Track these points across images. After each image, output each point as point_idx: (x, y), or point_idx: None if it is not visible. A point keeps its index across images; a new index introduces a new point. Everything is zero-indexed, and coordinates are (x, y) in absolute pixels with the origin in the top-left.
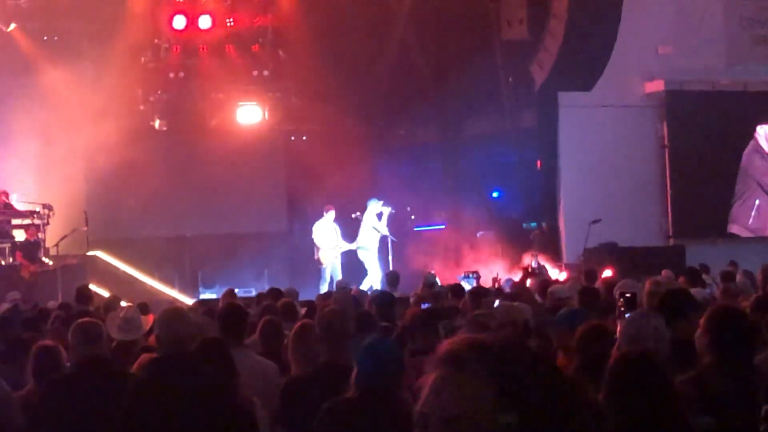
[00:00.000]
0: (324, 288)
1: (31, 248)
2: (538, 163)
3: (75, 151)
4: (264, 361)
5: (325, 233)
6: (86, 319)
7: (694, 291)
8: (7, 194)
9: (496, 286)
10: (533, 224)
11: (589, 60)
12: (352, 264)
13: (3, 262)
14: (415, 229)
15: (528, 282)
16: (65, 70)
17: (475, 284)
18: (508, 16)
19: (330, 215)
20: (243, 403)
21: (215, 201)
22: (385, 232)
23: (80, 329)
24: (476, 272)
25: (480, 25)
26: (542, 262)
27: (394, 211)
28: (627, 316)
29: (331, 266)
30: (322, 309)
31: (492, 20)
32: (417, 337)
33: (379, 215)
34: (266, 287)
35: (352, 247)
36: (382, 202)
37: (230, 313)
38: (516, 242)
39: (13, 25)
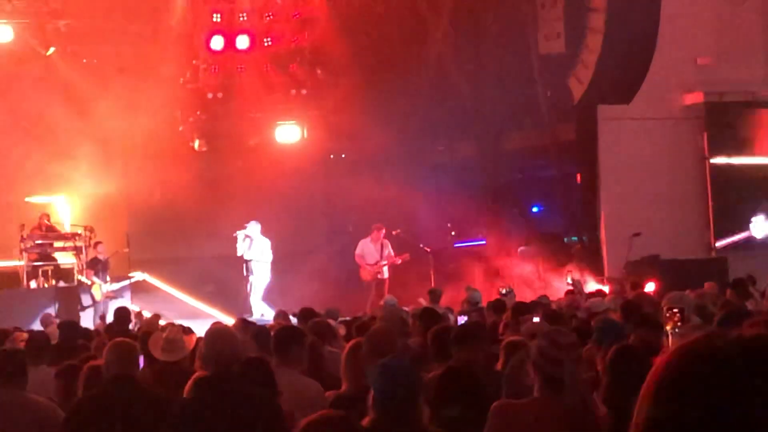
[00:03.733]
0: (368, 306)
1: (99, 266)
2: (578, 176)
3: (115, 173)
4: (308, 380)
5: (366, 251)
6: (121, 339)
7: None
8: (48, 216)
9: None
10: (574, 238)
11: (628, 73)
12: (392, 281)
13: (46, 284)
14: (456, 245)
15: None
16: (104, 92)
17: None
18: (545, 30)
19: (378, 234)
20: (287, 423)
21: (255, 220)
22: (247, 256)
23: (114, 349)
24: (509, 287)
25: (517, 40)
26: (577, 277)
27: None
28: (677, 330)
29: (375, 284)
30: (369, 328)
31: (529, 34)
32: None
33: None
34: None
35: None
36: (260, 227)
37: (285, 335)
38: (557, 257)
39: (52, 49)
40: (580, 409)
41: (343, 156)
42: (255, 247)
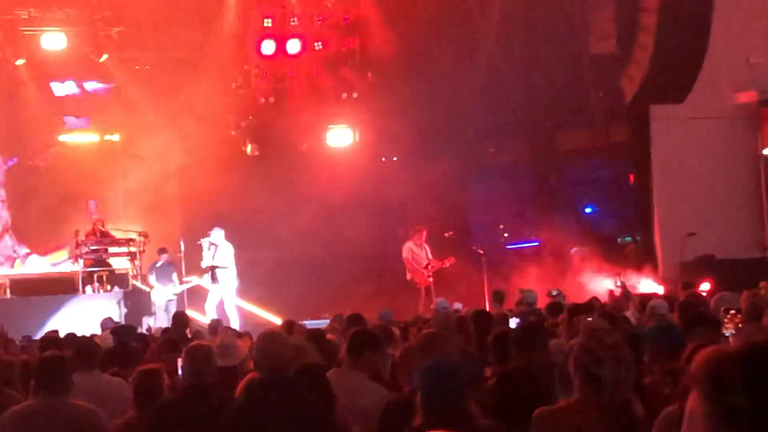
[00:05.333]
0: (421, 309)
1: (158, 271)
2: (631, 177)
3: (169, 179)
4: (375, 385)
5: (415, 254)
6: (197, 344)
7: None
8: (102, 222)
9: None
10: (628, 239)
11: (680, 72)
12: (445, 283)
13: (101, 290)
14: (508, 247)
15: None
16: (156, 98)
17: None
18: (596, 31)
19: (420, 236)
20: (341, 425)
21: (307, 225)
22: (213, 263)
23: (188, 354)
24: (558, 289)
25: (568, 41)
26: (625, 280)
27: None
28: (736, 332)
29: (425, 287)
30: (420, 330)
31: (581, 35)
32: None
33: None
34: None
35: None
36: (223, 233)
37: (361, 338)
38: (611, 257)
39: (105, 56)
40: (620, 409)
41: (394, 159)
42: (219, 254)
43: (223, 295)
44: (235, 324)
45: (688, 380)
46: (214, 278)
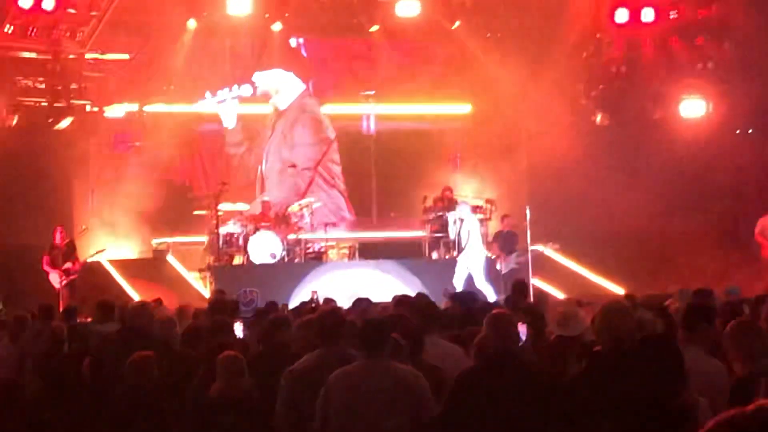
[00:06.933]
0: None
1: (501, 239)
2: None
3: (516, 147)
4: (714, 360)
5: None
6: (498, 311)
7: None
8: (450, 189)
9: None
10: None
11: None
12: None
13: (447, 256)
14: None
15: None
16: (506, 65)
17: None
18: None
19: None
20: (685, 403)
21: (656, 196)
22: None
23: (491, 321)
24: None
25: None
26: None
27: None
28: None
29: None
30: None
31: None
32: None
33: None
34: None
35: None
36: (470, 207)
37: (695, 312)
38: None
39: (458, 23)
40: None
41: (749, 131)
42: (465, 228)
43: (471, 270)
44: (492, 298)
45: None
46: (459, 252)
